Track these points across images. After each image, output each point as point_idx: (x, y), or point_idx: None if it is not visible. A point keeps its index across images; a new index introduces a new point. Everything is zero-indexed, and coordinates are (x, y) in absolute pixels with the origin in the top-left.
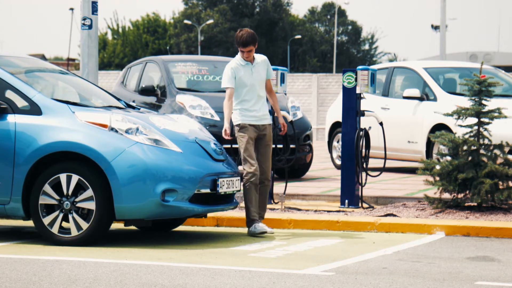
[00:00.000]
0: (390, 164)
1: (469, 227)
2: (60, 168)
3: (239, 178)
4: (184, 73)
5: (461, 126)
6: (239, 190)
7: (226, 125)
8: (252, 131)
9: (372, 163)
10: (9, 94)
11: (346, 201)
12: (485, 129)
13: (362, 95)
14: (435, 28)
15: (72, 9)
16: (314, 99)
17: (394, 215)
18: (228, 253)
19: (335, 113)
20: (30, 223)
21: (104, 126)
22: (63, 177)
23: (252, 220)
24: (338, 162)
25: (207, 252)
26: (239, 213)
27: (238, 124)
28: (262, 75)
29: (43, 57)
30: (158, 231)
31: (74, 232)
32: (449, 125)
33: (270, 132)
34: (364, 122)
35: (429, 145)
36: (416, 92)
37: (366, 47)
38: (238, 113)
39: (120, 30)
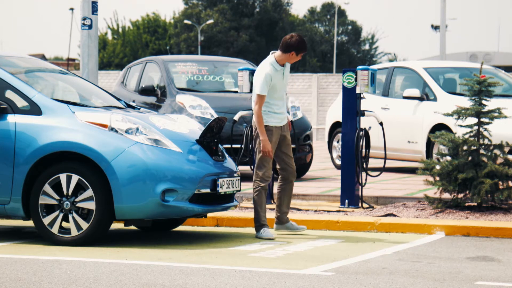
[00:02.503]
0: (390, 164)
1: (469, 227)
2: (60, 168)
3: (239, 178)
4: (184, 73)
5: (461, 126)
6: (239, 190)
7: (265, 140)
8: (276, 133)
9: (372, 163)
10: (9, 94)
11: (346, 201)
12: (485, 129)
13: (362, 95)
14: (435, 28)
15: (72, 9)
16: (314, 99)
17: (394, 215)
18: (228, 253)
19: (335, 113)
20: (30, 223)
21: (104, 126)
22: (63, 177)
23: (261, 225)
24: (338, 162)
25: (207, 252)
26: (239, 213)
27: (265, 126)
28: (288, 77)
29: (43, 57)
30: (158, 231)
31: (74, 232)
32: (449, 125)
33: (289, 129)
34: (364, 122)
35: (429, 145)
36: (416, 92)
37: (366, 47)
38: (265, 115)
39: (120, 30)
